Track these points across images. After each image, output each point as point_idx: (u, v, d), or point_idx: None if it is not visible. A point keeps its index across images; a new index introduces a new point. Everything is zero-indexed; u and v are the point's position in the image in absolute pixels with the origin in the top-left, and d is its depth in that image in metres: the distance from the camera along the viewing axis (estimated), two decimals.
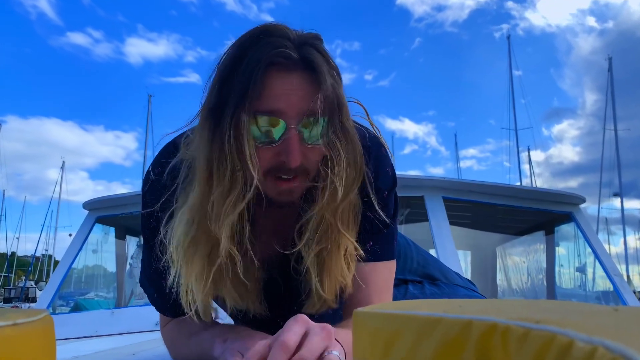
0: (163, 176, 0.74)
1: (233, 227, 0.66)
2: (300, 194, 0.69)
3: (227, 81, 0.64)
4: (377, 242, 0.78)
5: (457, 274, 1.23)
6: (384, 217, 0.77)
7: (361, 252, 0.73)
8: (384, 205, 0.77)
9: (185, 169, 0.72)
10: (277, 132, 0.64)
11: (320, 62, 0.63)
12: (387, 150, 0.81)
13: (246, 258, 0.70)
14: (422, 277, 1.08)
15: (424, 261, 1.16)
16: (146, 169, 0.81)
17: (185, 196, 0.70)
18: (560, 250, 4.21)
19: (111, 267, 4.26)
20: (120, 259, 4.03)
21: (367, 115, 0.76)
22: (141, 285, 0.90)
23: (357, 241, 0.72)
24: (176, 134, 0.78)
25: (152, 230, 0.78)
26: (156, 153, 0.82)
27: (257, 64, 0.61)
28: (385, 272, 0.79)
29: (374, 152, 0.78)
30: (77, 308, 4.05)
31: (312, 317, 0.63)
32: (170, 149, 0.78)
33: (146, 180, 0.78)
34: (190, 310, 0.71)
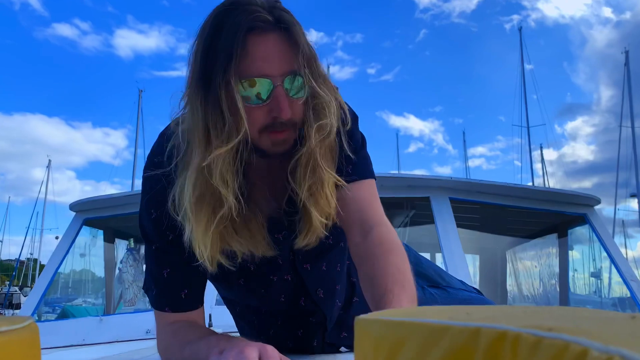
0: (163, 162, 0.82)
1: (233, 179, 0.76)
2: (291, 143, 0.79)
3: (210, 50, 0.72)
4: (354, 166, 0.90)
5: (460, 280, 1.23)
6: (354, 145, 0.89)
7: (343, 182, 0.85)
8: (351, 136, 0.89)
9: (182, 143, 0.79)
10: (265, 92, 0.74)
11: (293, 21, 0.73)
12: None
13: (248, 207, 0.80)
14: (415, 276, 1.11)
15: (416, 260, 1.19)
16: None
17: (185, 165, 0.78)
18: (574, 254, 4.22)
19: (100, 271, 4.27)
20: (109, 263, 4.03)
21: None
22: (145, 290, 0.95)
23: (336, 173, 0.85)
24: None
25: (154, 221, 0.85)
26: (150, 149, 0.90)
27: (237, 30, 0.70)
28: (369, 188, 0.92)
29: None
30: (64, 315, 4.05)
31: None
32: (162, 138, 0.86)
33: (147, 168, 0.87)
34: (203, 258, 0.79)
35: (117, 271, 3.91)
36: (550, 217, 3.72)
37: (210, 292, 0.99)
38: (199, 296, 0.93)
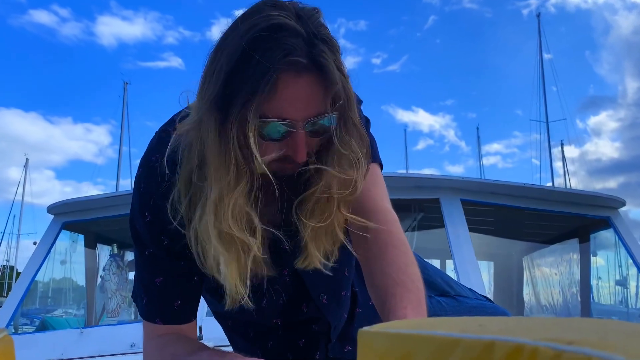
0: (162, 164, 0.82)
1: (243, 217, 0.77)
2: (299, 168, 0.80)
3: (233, 76, 0.72)
4: None
5: (470, 289, 1.23)
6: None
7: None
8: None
9: (183, 154, 0.80)
10: (283, 131, 0.75)
11: (330, 64, 0.72)
12: None
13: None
14: None
15: (421, 267, 1.19)
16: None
17: (185, 184, 0.80)
18: (598, 261, 4.22)
19: (82, 280, 4.27)
20: (90, 270, 4.03)
21: None
22: (134, 298, 0.95)
23: None
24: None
25: (148, 225, 0.85)
26: (148, 144, 0.91)
27: (269, 69, 0.69)
28: (370, 173, 0.89)
29: None
30: (43, 327, 4.05)
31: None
32: (164, 137, 0.86)
33: (143, 167, 0.88)
34: (243, 299, 0.80)
35: (99, 279, 3.91)
36: (571, 220, 3.72)
37: (201, 301, 0.99)
38: (192, 308, 0.93)
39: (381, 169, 0.98)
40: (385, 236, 0.82)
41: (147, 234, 0.87)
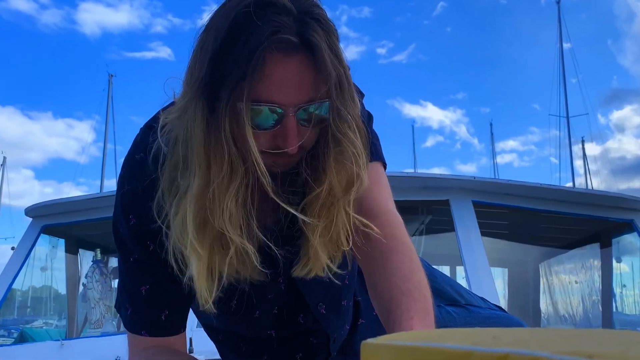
0: (147, 161, 0.83)
1: (238, 216, 0.76)
2: (294, 164, 0.80)
3: (220, 58, 0.72)
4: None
5: (482, 298, 1.23)
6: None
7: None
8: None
9: (168, 148, 0.80)
10: (274, 119, 0.74)
11: (322, 43, 0.71)
12: None
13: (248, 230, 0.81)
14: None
15: (429, 274, 1.18)
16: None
17: (170, 180, 0.79)
18: (621, 267, 4.22)
19: (63, 288, 4.28)
20: (72, 278, 4.04)
21: None
22: (117, 308, 0.95)
23: None
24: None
25: (133, 229, 0.85)
26: (132, 142, 0.90)
27: (256, 48, 0.69)
28: (372, 172, 0.88)
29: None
30: (22, 339, 4.06)
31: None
32: (149, 134, 0.85)
33: (127, 166, 0.88)
34: (209, 303, 0.80)
35: (81, 287, 3.91)
36: (591, 223, 3.72)
37: (192, 311, 0.99)
38: (181, 319, 0.93)
39: (384, 168, 0.98)
40: (389, 240, 0.81)
41: (132, 238, 0.86)
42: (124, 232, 0.87)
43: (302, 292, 0.97)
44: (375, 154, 0.93)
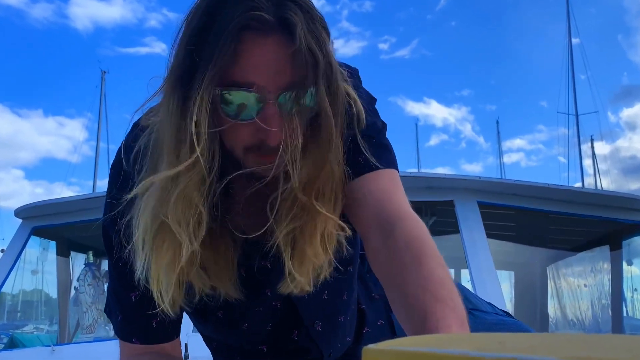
0: (128, 163, 0.82)
1: (202, 215, 0.74)
2: (284, 167, 0.76)
3: (195, 47, 0.70)
4: (368, 155, 0.86)
5: (489, 303, 1.23)
6: (369, 133, 0.87)
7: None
8: (365, 122, 0.86)
9: (147, 149, 0.79)
10: (253, 108, 0.71)
11: (300, 23, 0.69)
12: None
13: (220, 236, 0.80)
14: None
15: None
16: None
17: (148, 179, 0.77)
18: (632, 270, 4.23)
19: (54, 291, 4.28)
20: (63, 282, 4.04)
21: None
22: (108, 314, 0.95)
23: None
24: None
25: (118, 233, 0.83)
26: (114, 142, 0.89)
27: (227, 30, 0.67)
28: (388, 179, 0.87)
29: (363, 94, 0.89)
30: (12, 344, 4.06)
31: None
32: (136, 131, 0.85)
33: (114, 168, 0.88)
34: (163, 303, 0.79)
35: (73, 291, 3.91)
36: (601, 225, 3.72)
37: (187, 316, 0.99)
38: (174, 325, 0.93)
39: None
40: (418, 244, 0.76)
41: (119, 242, 0.85)
42: (114, 234, 0.86)
43: (298, 310, 0.96)
44: (389, 161, 0.90)
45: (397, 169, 0.91)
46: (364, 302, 1.08)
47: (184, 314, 0.98)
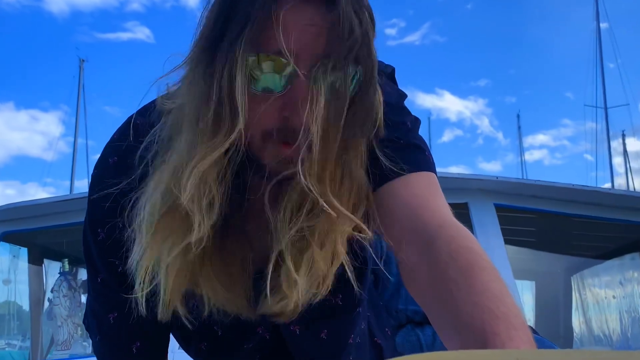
0: (124, 165, 0.80)
1: (215, 198, 0.71)
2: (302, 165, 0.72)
3: (228, 10, 0.69)
4: (398, 157, 0.82)
5: None
6: (397, 133, 0.85)
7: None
8: (395, 121, 0.85)
9: (161, 136, 0.77)
10: (282, 79, 0.69)
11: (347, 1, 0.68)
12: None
13: (233, 240, 0.77)
14: None
15: None
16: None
17: (162, 161, 0.75)
18: None
19: (27, 304, 4.27)
20: (36, 293, 4.02)
21: None
22: (86, 327, 0.94)
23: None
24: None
25: (100, 244, 0.83)
26: (107, 142, 0.87)
27: None
28: (424, 182, 0.83)
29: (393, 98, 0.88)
30: None
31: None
32: (128, 133, 0.82)
33: (98, 170, 0.85)
34: (142, 307, 0.75)
35: (46, 303, 3.91)
36: (631, 230, 3.71)
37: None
38: (157, 351, 0.93)
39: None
40: (466, 255, 0.70)
41: (99, 255, 0.85)
42: (93, 246, 0.86)
43: (288, 348, 0.94)
44: (423, 163, 0.86)
45: (433, 171, 0.87)
46: (379, 336, 1.06)
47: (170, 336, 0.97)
